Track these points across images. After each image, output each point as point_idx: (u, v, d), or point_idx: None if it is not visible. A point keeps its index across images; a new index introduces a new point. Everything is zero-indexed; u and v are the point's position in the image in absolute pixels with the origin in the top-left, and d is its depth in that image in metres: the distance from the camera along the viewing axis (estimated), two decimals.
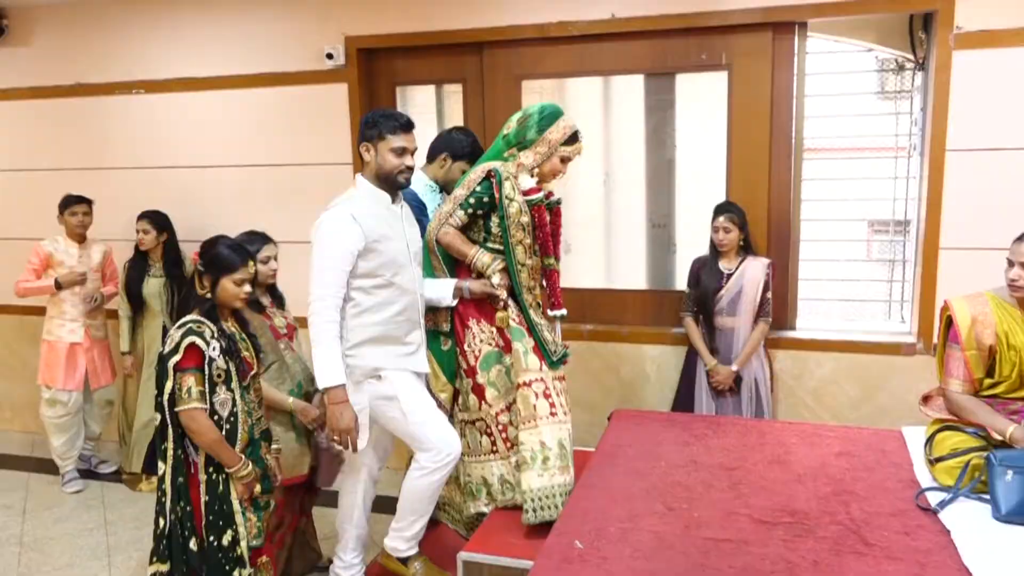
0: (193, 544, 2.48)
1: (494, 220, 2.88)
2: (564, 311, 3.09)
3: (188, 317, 2.56)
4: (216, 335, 2.52)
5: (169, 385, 2.46)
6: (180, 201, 4.41)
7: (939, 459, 2.55)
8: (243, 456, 2.53)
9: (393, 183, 2.73)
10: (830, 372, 3.71)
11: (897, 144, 3.88)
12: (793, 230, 3.81)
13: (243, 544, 2.53)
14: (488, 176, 2.86)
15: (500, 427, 2.92)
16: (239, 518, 2.54)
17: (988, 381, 2.60)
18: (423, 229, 2.97)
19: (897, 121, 3.86)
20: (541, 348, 2.89)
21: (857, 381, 3.68)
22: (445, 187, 3.20)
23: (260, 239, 3.06)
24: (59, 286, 4.06)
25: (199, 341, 2.46)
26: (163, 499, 2.52)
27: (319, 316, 2.62)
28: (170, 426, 2.48)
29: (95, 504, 4.06)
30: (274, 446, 2.77)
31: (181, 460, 2.51)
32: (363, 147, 2.72)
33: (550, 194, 3.02)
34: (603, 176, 4.01)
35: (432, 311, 2.98)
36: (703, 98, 3.83)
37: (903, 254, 3.90)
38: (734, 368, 3.47)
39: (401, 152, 2.68)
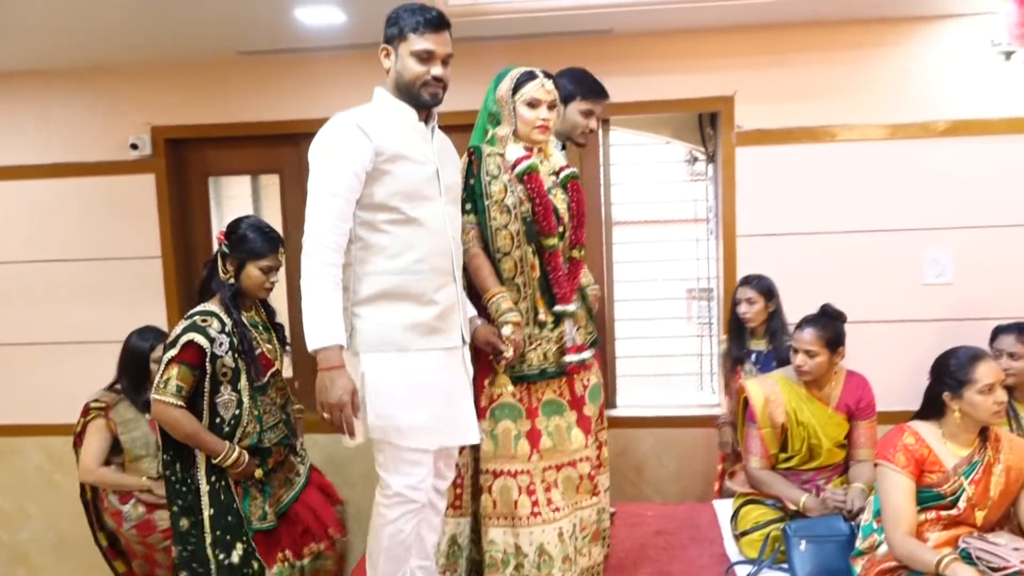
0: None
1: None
2: (571, 306, 2.44)
3: (198, 308, 2.39)
4: (227, 329, 2.36)
5: (157, 378, 2.34)
6: None
7: (744, 533, 2.70)
8: (228, 442, 2.35)
9: (416, 98, 2.12)
10: (650, 447, 3.86)
11: (697, 225, 4.19)
12: (608, 309, 3.99)
13: (256, 558, 2.35)
14: (470, 157, 2.45)
15: (470, 478, 2.48)
16: (248, 527, 2.36)
17: (783, 456, 2.79)
18: None
19: (695, 206, 4.18)
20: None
21: (674, 455, 3.85)
22: None
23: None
24: None
25: (200, 339, 2.31)
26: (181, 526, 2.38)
27: (313, 258, 2.01)
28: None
29: None
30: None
31: (184, 479, 2.38)
32: (383, 51, 2.15)
33: (563, 168, 2.56)
34: None
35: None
36: None
37: (710, 329, 4.18)
38: None
39: (427, 57, 2.07)
